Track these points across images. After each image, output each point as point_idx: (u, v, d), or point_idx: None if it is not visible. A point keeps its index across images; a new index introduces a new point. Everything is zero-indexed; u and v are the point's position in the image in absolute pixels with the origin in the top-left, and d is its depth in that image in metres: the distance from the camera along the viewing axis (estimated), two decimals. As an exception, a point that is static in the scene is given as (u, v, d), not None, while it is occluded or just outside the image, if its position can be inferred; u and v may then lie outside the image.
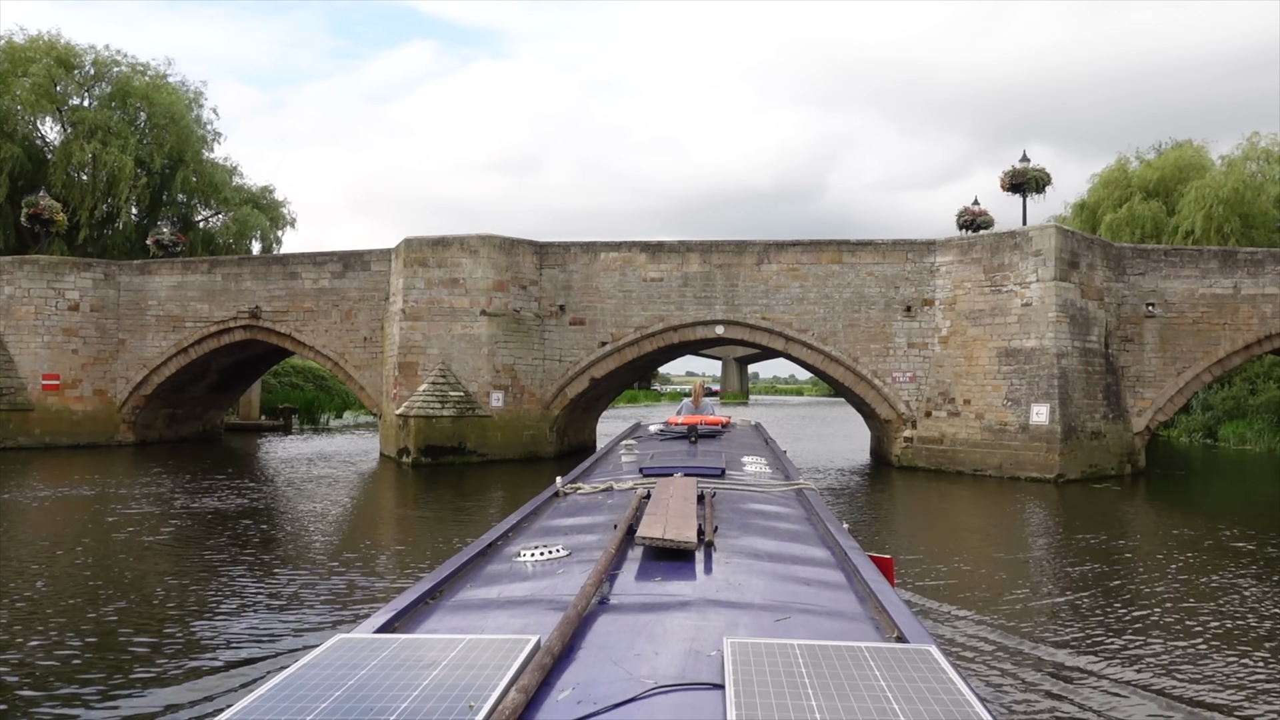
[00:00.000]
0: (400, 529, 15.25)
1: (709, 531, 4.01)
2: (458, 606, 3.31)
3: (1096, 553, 13.14)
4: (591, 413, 28.98)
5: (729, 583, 3.42)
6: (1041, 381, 21.26)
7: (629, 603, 3.14)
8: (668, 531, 3.77)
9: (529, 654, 2.47)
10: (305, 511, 16.59)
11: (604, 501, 5.29)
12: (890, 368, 23.83)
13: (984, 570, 12.10)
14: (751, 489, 5.79)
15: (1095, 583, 11.02)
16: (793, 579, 3.60)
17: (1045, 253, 21.46)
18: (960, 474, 22.42)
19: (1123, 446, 22.77)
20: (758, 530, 4.49)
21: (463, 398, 23.69)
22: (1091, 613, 9.62)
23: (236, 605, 9.48)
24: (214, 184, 41.77)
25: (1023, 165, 23.55)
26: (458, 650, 2.51)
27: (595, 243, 25.16)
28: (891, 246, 23.89)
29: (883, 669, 2.35)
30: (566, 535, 4.41)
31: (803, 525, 4.84)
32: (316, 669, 2.40)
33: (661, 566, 3.59)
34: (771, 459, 8.00)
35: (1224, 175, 40.22)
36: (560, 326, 25.14)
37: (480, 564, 3.98)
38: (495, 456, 23.89)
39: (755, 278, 24.37)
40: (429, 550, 12.70)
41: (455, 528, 14.70)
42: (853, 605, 3.33)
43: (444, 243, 24.25)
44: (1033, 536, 15.14)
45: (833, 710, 2.07)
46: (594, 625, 2.87)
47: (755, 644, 2.53)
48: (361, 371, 26.36)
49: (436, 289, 24.13)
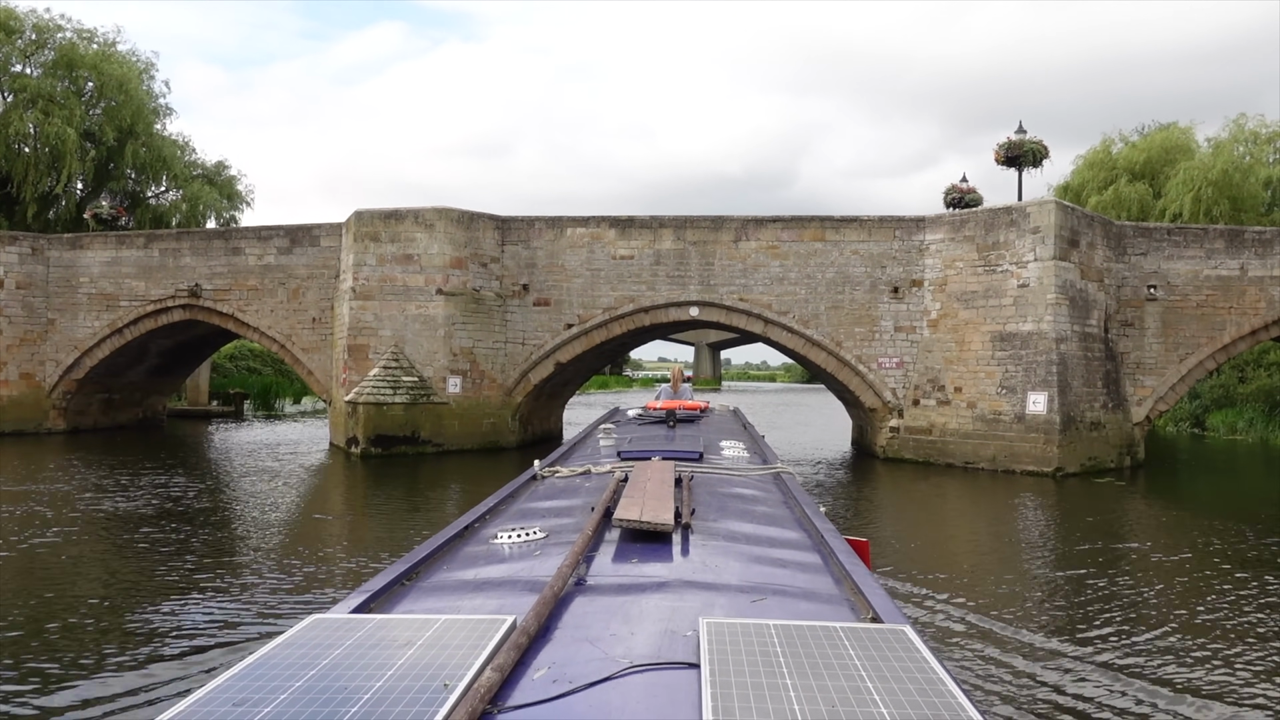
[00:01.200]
0: (340, 533, 13.52)
1: (686, 514, 4.04)
2: (434, 588, 3.31)
3: (1106, 556, 11.71)
4: (557, 400, 27.31)
5: (705, 564, 3.44)
6: (1039, 368, 19.81)
7: (605, 584, 3.14)
8: (645, 514, 3.78)
9: (505, 634, 2.47)
10: (232, 511, 14.81)
11: (582, 484, 5.29)
12: (876, 353, 22.33)
13: (981, 574, 10.75)
14: (729, 472, 5.83)
15: (1107, 592, 9.55)
16: (769, 561, 3.62)
17: (1044, 230, 19.99)
18: (950, 467, 20.97)
19: (1122, 438, 21.40)
20: (735, 513, 4.52)
21: (417, 383, 21.96)
22: (1109, 626, 8.18)
23: (117, 639, 7.77)
24: (164, 159, 39.56)
25: (1019, 137, 22.06)
26: (433, 630, 2.52)
27: (561, 217, 23.46)
28: (878, 223, 22.35)
29: (857, 649, 2.37)
30: (544, 518, 4.39)
31: (779, 508, 4.89)
32: (290, 648, 2.40)
33: (638, 548, 3.60)
34: (749, 443, 8.01)
35: (1212, 157, 39.40)
36: (523, 307, 23.44)
37: (457, 546, 3.96)
38: (452, 447, 22.19)
39: (733, 256, 22.77)
40: (369, 558, 11.03)
41: (404, 531, 13.06)
42: (828, 586, 3.34)
43: (397, 216, 22.46)
44: (1033, 537, 13.67)
45: (807, 689, 2.09)
46: (570, 606, 2.86)
47: (731, 624, 2.54)
48: (310, 355, 24.54)
49: (389, 266, 22.35)
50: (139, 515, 13.61)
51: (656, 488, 4.46)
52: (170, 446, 24.73)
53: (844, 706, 2.03)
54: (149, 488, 16.25)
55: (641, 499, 4.14)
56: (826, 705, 2.03)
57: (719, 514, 4.43)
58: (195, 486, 16.76)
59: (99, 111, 37.03)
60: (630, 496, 4.26)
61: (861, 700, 2.05)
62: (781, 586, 3.27)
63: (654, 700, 2.16)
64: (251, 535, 12.82)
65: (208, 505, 14.90)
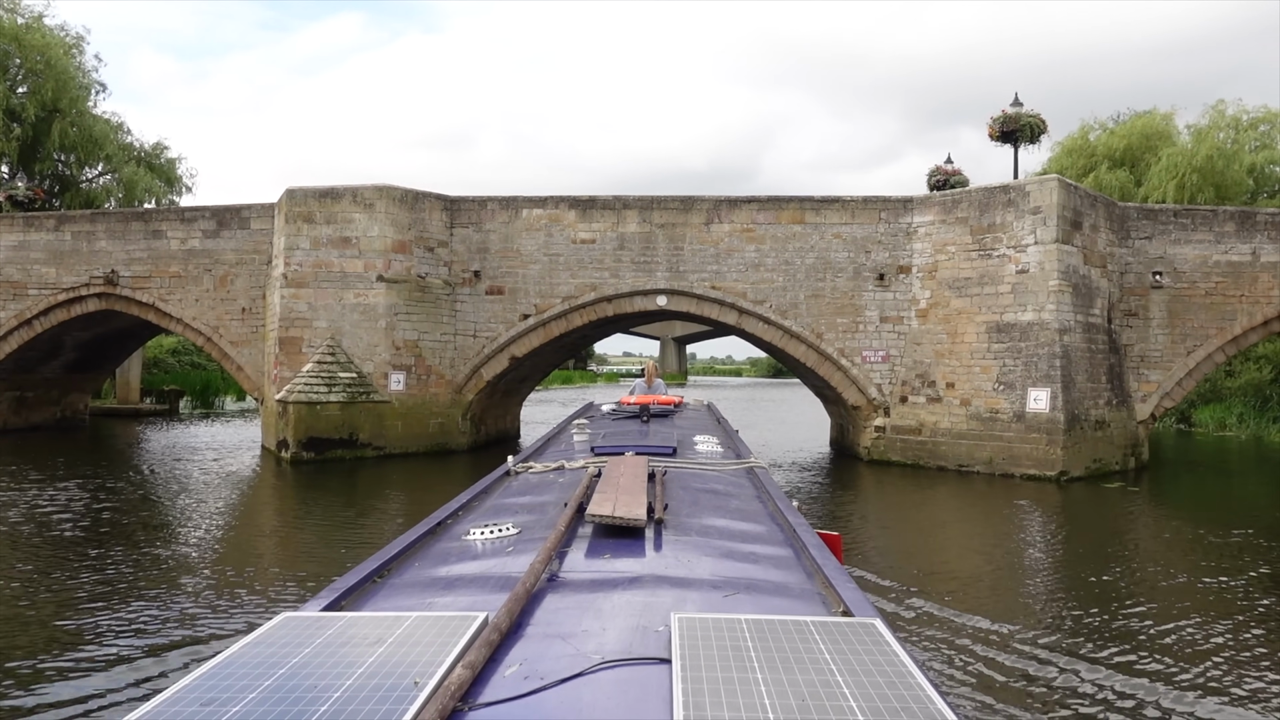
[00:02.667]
0: (256, 555, 11.39)
1: (659, 509, 4.02)
2: (405, 585, 3.28)
3: (1133, 578, 9.93)
4: (514, 397, 25.24)
5: (677, 559, 3.43)
6: (1040, 362, 18.05)
7: (578, 580, 3.13)
8: (617, 509, 3.77)
9: (476, 630, 2.46)
10: (131, 527, 12.61)
11: (555, 480, 5.25)
12: (860, 345, 20.49)
13: (988, 598, 9.05)
14: (702, 467, 5.82)
15: (1142, 624, 7.70)
16: (741, 555, 3.62)
17: (1046, 210, 18.23)
18: (943, 470, 19.18)
19: (1127, 437, 19.72)
20: (708, 508, 4.50)
21: (355, 380, 19.82)
22: (1150, 664, 6.37)
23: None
24: (96, 139, 36.91)
25: (1015, 110, 20.28)
26: (404, 627, 2.50)
27: (516, 198, 21.40)
28: (862, 205, 20.50)
29: (828, 642, 2.38)
30: (517, 514, 4.37)
31: (752, 503, 4.86)
32: (260, 647, 2.38)
33: (611, 544, 3.58)
34: (723, 438, 7.92)
35: (1196, 143, 38.39)
36: (475, 296, 21.36)
37: (429, 543, 3.95)
38: (395, 450, 20.09)
39: (704, 240, 20.82)
40: (291, 586, 8.97)
41: (334, 551, 11.04)
42: (800, 581, 3.34)
43: (333, 195, 20.29)
44: (1043, 554, 11.88)
45: (778, 683, 2.10)
46: (542, 602, 2.86)
47: (702, 619, 2.54)
48: (239, 349, 22.29)
49: (324, 250, 20.18)
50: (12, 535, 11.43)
51: (629, 483, 4.42)
52: (85, 450, 22.38)
53: (814, 700, 2.03)
54: (38, 500, 14.03)
55: (614, 494, 4.11)
56: (796, 699, 2.03)
57: (692, 509, 4.41)
58: (93, 497, 14.53)
59: (22, 89, 34.41)
60: (603, 492, 4.21)
61: (831, 694, 2.06)
62: (753, 581, 3.26)
63: (625, 696, 2.15)
64: (144, 559, 10.65)
65: (99, 521, 12.70)
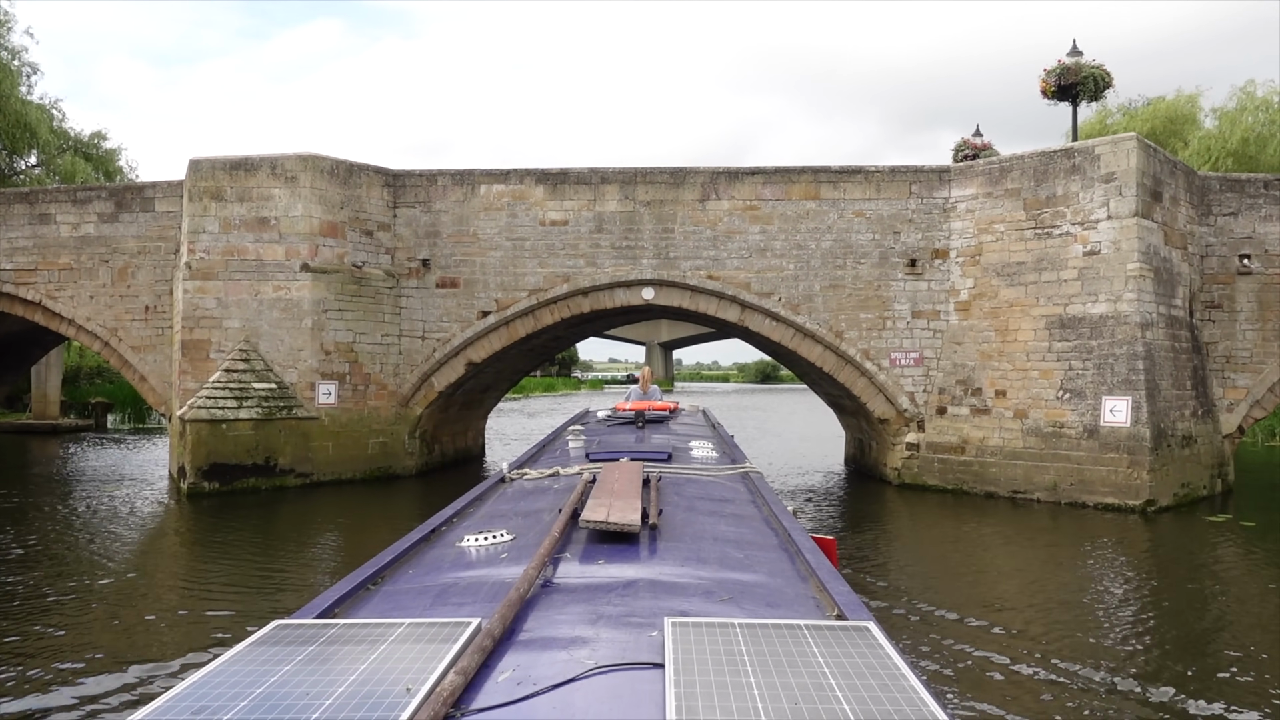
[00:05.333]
0: (88, 646, 7.75)
1: (653, 515, 4.02)
2: (399, 592, 3.27)
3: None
4: (475, 410, 21.60)
5: (671, 565, 3.42)
6: (1118, 364, 14.59)
7: (572, 585, 3.11)
8: (611, 515, 3.77)
9: (469, 637, 2.45)
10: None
11: (550, 487, 5.25)
12: (887, 346, 16.99)
13: None
14: (697, 473, 5.82)
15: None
16: (735, 560, 3.61)
17: (1121, 177, 14.78)
18: (992, 497, 15.69)
19: (1213, 456, 16.27)
20: (702, 513, 4.52)
21: (274, 391, 16.18)
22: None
23: None
24: (29, 126, 33.24)
25: (1074, 60, 16.83)
26: (397, 634, 2.49)
27: (472, 171, 17.82)
28: (889, 176, 17.01)
29: (821, 646, 2.37)
30: (511, 521, 4.35)
31: (747, 508, 4.90)
32: (252, 654, 2.37)
33: (605, 549, 3.58)
34: (718, 443, 7.95)
35: (1229, 126, 35.35)
36: (423, 290, 17.77)
37: (423, 550, 3.93)
38: (325, 477, 16.46)
39: (699, 220, 17.29)
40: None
41: (219, 637, 7.39)
42: (794, 585, 3.34)
43: (247, 166, 16.66)
44: (1155, 620, 8.33)
45: (771, 687, 2.09)
46: (536, 608, 2.84)
47: (696, 624, 2.53)
48: (142, 355, 18.60)
49: (237, 233, 16.56)
50: None
51: (624, 489, 4.39)
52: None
53: (807, 704, 2.02)
54: None
55: (609, 500, 4.08)
56: (790, 703, 2.02)
57: (686, 514, 4.40)
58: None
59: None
60: (598, 498, 4.17)
61: (825, 697, 2.05)
62: (747, 585, 3.24)
63: (618, 701, 2.13)
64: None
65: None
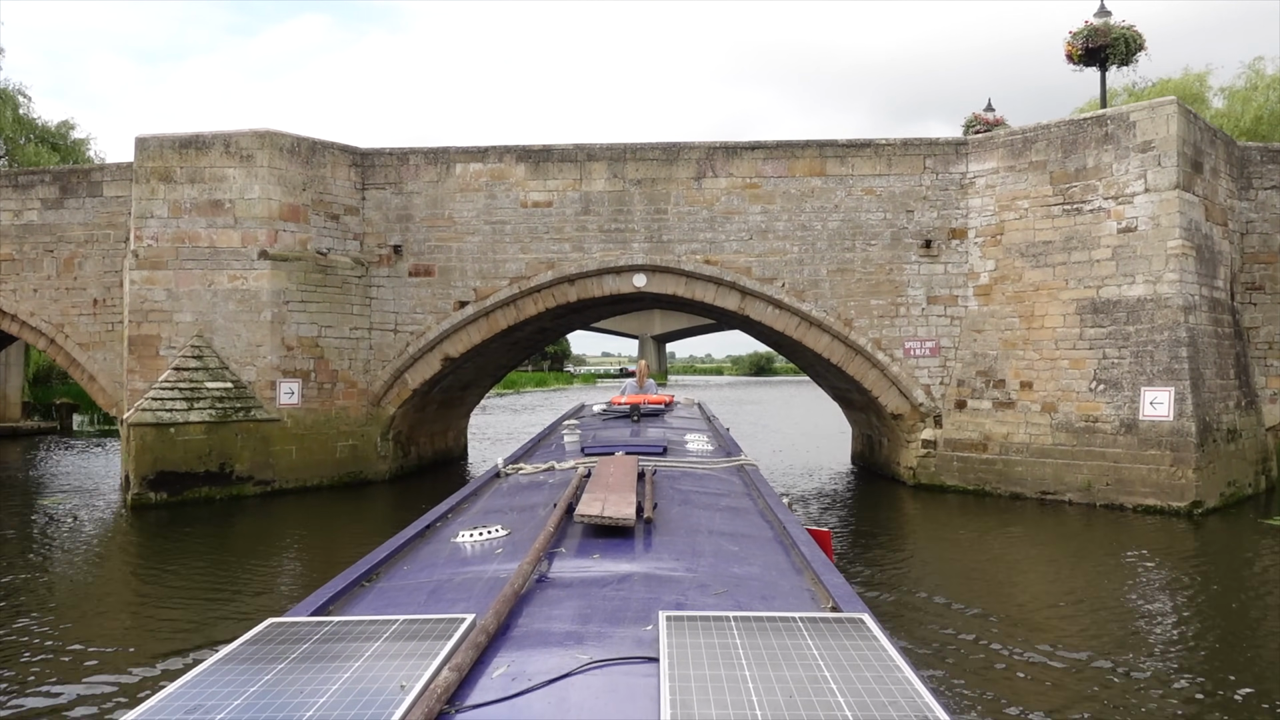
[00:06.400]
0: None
1: (648, 509, 4.01)
2: (393, 589, 3.26)
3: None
4: (455, 409, 20.16)
5: (666, 558, 3.40)
6: (1159, 351, 13.23)
7: (566, 580, 3.09)
8: (606, 509, 3.75)
9: (464, 633, 2.44)
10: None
11: (545, 481, 5.21)
12: (901, 334, 15.60)
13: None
14: (692, 466, 5.81)
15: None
16: (730, 553, 3.60)
17: (1160, 146, 13.41)
18: (1019, 498, 14.33)
19: (1257, 450, 14.93)
20: (697, 506, 4.50)
21: (230, 391, 14.74)
22: None
23: None
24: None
25: (1102, 20, 15.41)
26: (392, 630, 2.48)
27: (447, 149, 16.37)
28: (901, 150, 15.61)
29: (816, 638, 2.37)
30: (506, 516, 4.33)
31: (742, 501, 4.87)
32: (247, 652, 2.36)
33: (600, 544, 3.55)
34: (713, 436, 7.92)
35: (1241, 105, 34.21)
36: (395, 278, 16.34)
37: (418, 546, 3.94)
38: (288, 484, 15.04)
39: (694, 200, 15.88)
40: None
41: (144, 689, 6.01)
42: (789, 577, 3.34)
43: (199, 144, 15.20)
44: (1224, 655, 6.98)
45: (766, 680, 2.08)
46: (531, 603, 2.82)
47: (690, 617, 2.53)
48: (91, 352, 17.13)
49: (188, 218, 15.11)
50: None
51: (619, 483, 4.37)
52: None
53: (802, 696, 2.02)
54: None
55: (604, 495, 4.05)
56: (785, 696, 2.02)
57: (681, 508, 4.39)
58: None
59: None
60: (592, 492, 4.14)
61: (820, 690, 2.05)
62: (742, 578, 3.23)
63: (612, 696, 2.12)
64: None
65: None
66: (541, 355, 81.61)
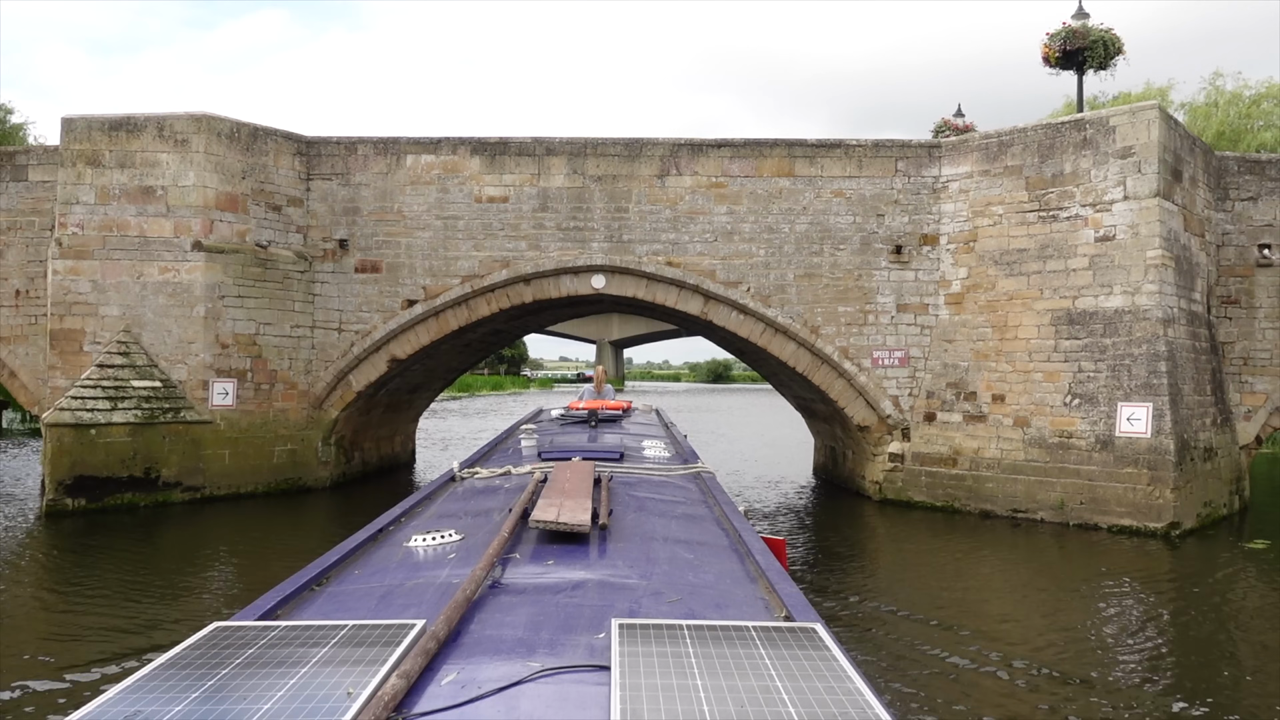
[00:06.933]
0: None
1: (604, 515, 3.97)
2: (343, 593, 3.19)
3: None
4: (403, 412, 19.29)
5: (620, 566, 3.37)
6: (1136, 366, 12.74)
7: (520, 586, 3.05)
8: (562, 515, 3.72)
9: (413, 639, 2.40)
10: None
11: (501, 486, 5.19)
12: (869, 343, 15.02)
13: None
14: (649, 472, 5.78)
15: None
16: (684, 561, 3.57)
17: (1141, 152, 12.94)
18: (989, 516, 13.78)
19: (1232, 470, 14.51)
20: (653, 513, 4.47)
21: (158, 390, 13.80)
22: None
23: None
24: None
25: (1080, 22, 14.95)
26: (340, 636, 2.43)
27: (398, 139, 15.54)
28: (871, 152, 15.03)
29: (768, 647, 2.36)
30: (460, 520, 4.29)
31: (698, 508, 4.89)
32: (189, 656, 2.30)
33: (554, 550, 3.51)
34: (670, 443, 7.98)
35: (1204, 120, 34.23)
36: (340, 274, 15.48)
37: (369, 550, 3.87)
38: (220, 490, 14.13)
39: (657, 198, 15.19)
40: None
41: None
42: (743, 586, 3.31)
43: (130, 126, 14.25)
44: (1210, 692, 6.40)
45: (717, 689, 2.07)
46: (483, 609, 2.78)
47: (644, 625, 2.51)
48: (12, 347, 16.07)
49: (118, 205, 14.15)
50: None
51: (575, 488, 4.32)
52: None
53: (753, 706, 2.00)
54: None
55: (559, 500, 4.00)
56: (736, 705, 2.00)
57: (637, 514, 4.35)
58: None
59: None
60: (548, 498, 4.10)
61: (770, 700, 2.04)
62: (696, 586, 3.20)
63: (563, 704, 2.09)
64: None
65: None
66: (498, 359, 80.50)
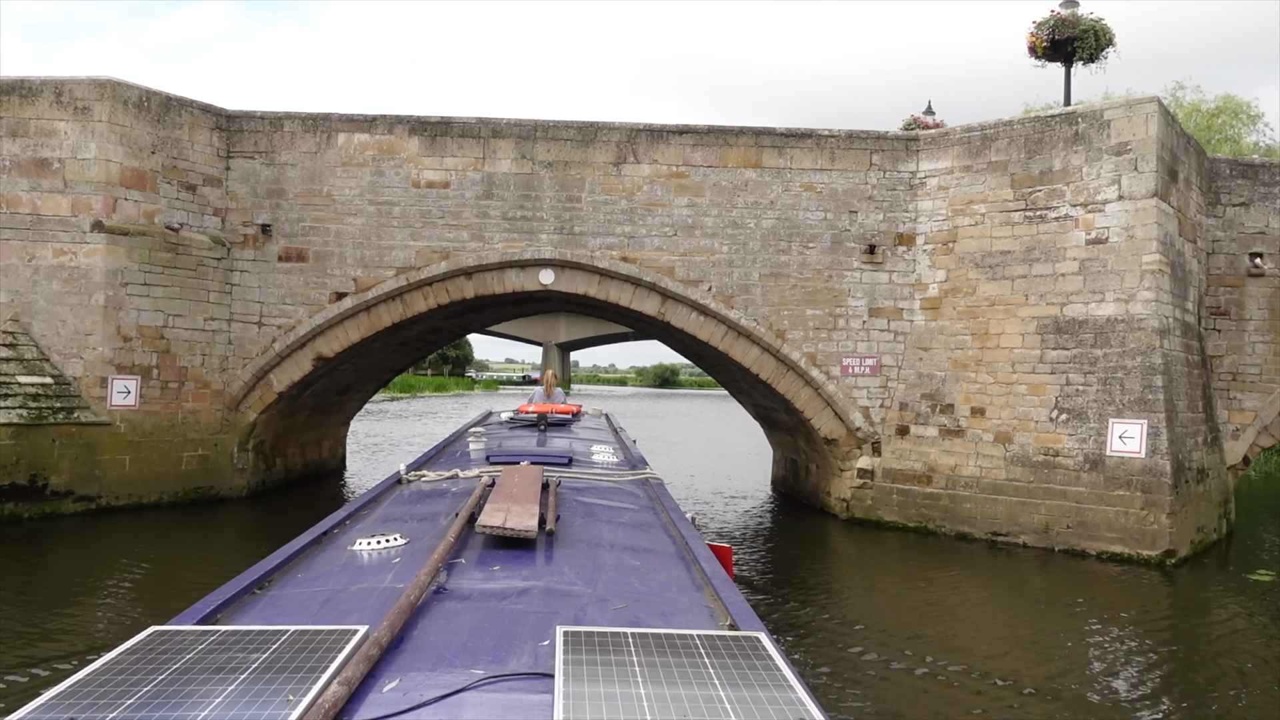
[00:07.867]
0: None
1: (551, 520, 3.94)
2: (285, 598, 3.11)
3: None
4: (332, 415, 17.81)
5: (567, 572, 3.35)
6: (1130, 379, 11.77)
7: (465, 592, 3.02)
8: (509, 521, 3.67)
9: (355, 645, 2.35)
10: None
11: (448, 490, 5.14)
12: (838, 349, 13.92)
13: None
14: (597, 478, 5.76)
15: None
16: (631, 568, 3.56)
17: (1138, 148, 12.00)
18: (966, 539, 12.74)
19: (1221, 492, 13.64)
20: (600, 519, 4.43)
21: (48, 388, 12.26)
22: None
23: None
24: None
25: (1070, 11, 14.01)
26: (281, 641, 2.37)
27: (329, 115, 14.13)
28: (845, 143, 13.95)
29: (712, 655, 2.34)
30: (406, 524, 4.22)
31: (645, 514, 4.84)
32: (124, 663, 2.22)
33: (501, 556, 3.48)
34: (619, 448, 7.97)
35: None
36: (262, 263, 14.03)
37: (313, 553, 3.81)
38: (119, 500, 12.63)
39: (612, 188, 13.96)
40: None
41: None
42: (689, 594, 3.30)
43: (24, 90, 12.70)
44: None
45: (660, 698, 2.05)
46: (427, 616, 2.74)
47: (588, 633, 2.49)
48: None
49: (8, 178, 12.60)
50: None
51: (522, 493, 4.29)
52: None
53: (695, 714, 1.98)
54: None
55: (507, 505, 3.97)
56: (678, 713, 1.98)
57: (584, 520, 4.33)
58: None
59: None
60: (495, 503, 4.06)
61: (713, 708, 2.02)
62: (641, 594, 3.19)
63: (506, 712, 2.07)
64: None
65: None
66: (442, 359, 78.64)
